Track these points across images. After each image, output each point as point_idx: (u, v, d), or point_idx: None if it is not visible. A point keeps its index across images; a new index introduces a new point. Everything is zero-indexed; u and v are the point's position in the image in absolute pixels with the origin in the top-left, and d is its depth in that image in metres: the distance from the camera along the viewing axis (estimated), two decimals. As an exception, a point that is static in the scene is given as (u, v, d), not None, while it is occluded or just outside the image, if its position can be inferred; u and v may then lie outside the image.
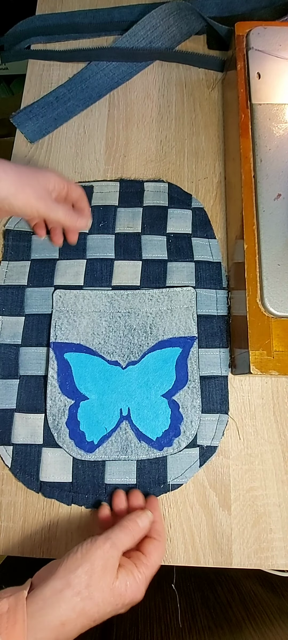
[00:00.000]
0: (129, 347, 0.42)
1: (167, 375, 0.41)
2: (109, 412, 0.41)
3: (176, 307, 0.43)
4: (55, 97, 0.52)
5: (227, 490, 0.40)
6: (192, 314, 0.43)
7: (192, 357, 0.42)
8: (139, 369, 0.42)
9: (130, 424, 0.40)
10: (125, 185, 0.49)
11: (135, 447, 0.40)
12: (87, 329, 0.43)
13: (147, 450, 0.40)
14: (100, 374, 0.41)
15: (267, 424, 0.42)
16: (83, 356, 0.42)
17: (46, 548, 0.39)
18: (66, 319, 0.43)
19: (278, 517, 0.39)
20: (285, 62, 0.45)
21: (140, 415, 0.40)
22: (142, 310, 0.43)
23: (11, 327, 0.44)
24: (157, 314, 0.43)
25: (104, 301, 0.44)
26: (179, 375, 0.41)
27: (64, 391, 0.41)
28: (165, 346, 0.42)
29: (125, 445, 0.40)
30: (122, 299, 0.44)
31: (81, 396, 0.41)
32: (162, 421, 0.40)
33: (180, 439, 0.40)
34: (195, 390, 0.41)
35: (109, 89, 0.54)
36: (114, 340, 0.43)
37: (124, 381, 0.41)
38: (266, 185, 0.41)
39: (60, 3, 0.58)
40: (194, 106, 0.53)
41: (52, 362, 0.42)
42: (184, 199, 0.48)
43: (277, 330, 0.37)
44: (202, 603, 0.46)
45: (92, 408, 0.41)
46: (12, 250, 0.46)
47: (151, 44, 0.52)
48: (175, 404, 0.41)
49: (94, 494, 0.39)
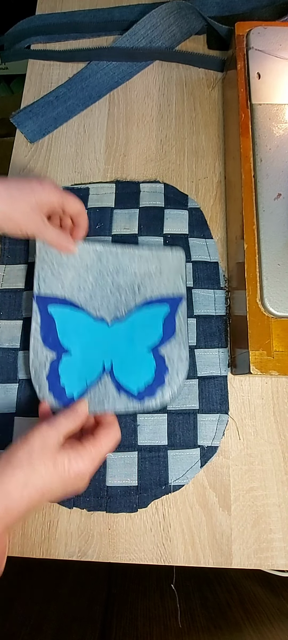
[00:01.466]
0: (115, 304, 0.42)
1: (153, 330, 0.41)
2: (91, 366, 0.40)
3: (165, 269, 0.43)
4: (55, 96, 0.52)
5: (227, 491, 0.40)
6: (181, 275, 0.43)
7: (181, 314, 0.41)
8: (126, 326, 0.41)
9: (111, 377, 0.39)
10: (121, 186, 0.49)
11: (113, 400, 0.39)
12: (72, 282, 0.42)
13: (126, 403, 0.39)
14: (84, 330, 0.41)
15: (267, 424, 0.41)
16: (68, 311, 0.41)
17: (46, 548, 0.39)
18: (50, 270, 0.41)
19: (278, 517, 0.39)
20: (285, 62, 0.45)
21: (123, 368, 0.40)
22: (131, 270, 0.43)
23: (9, 331, 0.43)
24: (146, 274, 0.43)
25: (91, 255, 0.43)
26: (166, 330, 0.41)
27: (46, 344, 0.40)
28: (152, 304, 0.42)
29: (102, 398, 0.39)
30: (111, 255, 0.43)
31: (63, 350, 0.40)
32: (145, 373, 0.39)
33: (164, 389, 0.39)
34: (182, 343, 0.40)
35: (109, 88, 0.53)
36: (100, 297, 0.42)
37: (109, 337, 0.41)
38: (266, 185, 0.41)
39: (60, 3, 0.58)
40: (194, 105, 0.53)
41: (36, 314, 0.40)
42: (180, 200, 0.48)
43: (277, 330, 0.37)
44: (201, 603, 0.46)
45: (75, 362, 0.40)
46: (8, 253, 0.46)
47: (151, 44, 0.52)
48: (161, 357, 0.40)
49: (95, 496, 0.39)
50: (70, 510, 0.39)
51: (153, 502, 0.39)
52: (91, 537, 0.39)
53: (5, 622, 0.44)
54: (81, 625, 0.46)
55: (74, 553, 0.39)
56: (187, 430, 0.41)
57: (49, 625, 0.45)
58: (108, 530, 0.39)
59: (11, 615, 0.45)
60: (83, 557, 0.38)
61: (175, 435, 0.41)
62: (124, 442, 0.40)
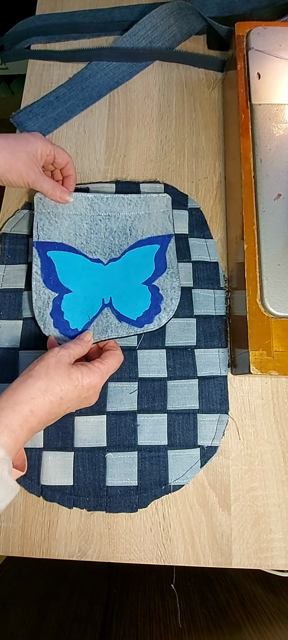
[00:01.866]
0: (110, 247, 0.45)
1: (146, 266, 0.44)
2: (91, 302, 0.43)
3: (153, 211, 0.46)
4: (56, 96, 0.52)
5: (227, 491, 0.40)
6: (168, 216, 0.46)
7: (170, 251, 0.44)
8: (120, 264, 0.44)
9: (112, 309, 0.43)
10: (121, 186, 0.49)
11: (115, 327, 0.42)
12: (68, 229, 0.45)
13: (127, 329, 0.42)
14: (83, 270, 0.44)
15: (267, 424, 0.42)
16: (66, 254, 0.44)
17: (46, 548, 0.39)
18: (47, 220, 0.45)
19: (278, 517, 0.39)
20: (285, 62, 0.45)
21: (122, 301, 0.43)
22: (122, 214, 0.46)
23: (9, 331, 0.43)
24: (136, 217, 0.46)
25: (84, 204, 0.45)
26: (158, 265, 0.44)
27: (48, 285, 0.43)
28: (144, 244, 0.45)
29: (105, 327, 0.42)
30: (102, 202, 0.46)
31: (65, 289, 0.43)
32: (142, 303, 0.43)
33: (160, 315, 0.42)
34: (174, 275, 0.43)
35: (109, 88, 0.54)
36: (95, 241, 0.45)
37: (106, 275, 0.44)
38: (266, 185, 0.41)
39: (60, 3, 0.58)
40: (194, 106, 0.53)
41: (36, 259, 0.43)
42: (180, 200, 0.48)
43: (277, 330, 0.37)
44: (201, 603, 0.46)
45: (76, 299, 0.43)
46: (9, 253, 0.46)
47: (151, 44, 0.52)
48: (155, 287, 0.43)
49: (95, 496, 0.39)
50: (70, 510, 0.39)
51: (153, 502, 0.39)
52: (91, 537, 0.39)
53: (5, 622, 0.44)
54: (81, 625, 0.46)
55: (74, 553, 0.39)
56: (187, 430, 0.41)
57: (49, 625, 0.45)
58: (108, 530, 0.39)
59: (11, 615, 0.45)
60: (83, 557, 0.38)
61: (175, 435, 0.41)
62: (123, 442, 0.40)
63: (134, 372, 0.42)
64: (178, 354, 0.43)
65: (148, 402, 0.41)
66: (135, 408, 0.41)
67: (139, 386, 0.42)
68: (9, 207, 0.48)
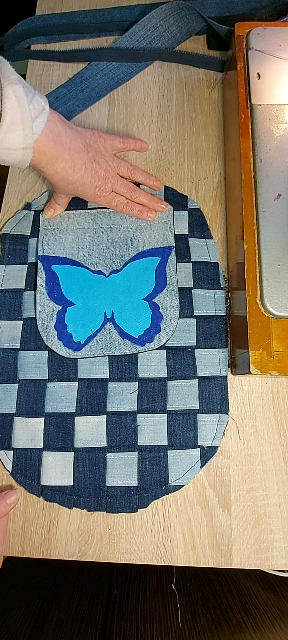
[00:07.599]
0: (111, 257, 0.46)
1: (147, 280, 0.45)
2: (94, 315, 0.44)
3: (155, 222, 0.47)
4: (55, 97, 0.52)
5: (227, 491, 0.40)
6: (169, 227, 0.46)
7: (170, 264, 0.45)
8: (121, 276, 0.45)
9: (114, 325, 0.43)
10: None
11: (118, 344, 0.43)
12: (72, 244, 0.46)
13: (129, 347, 0.43)
14: (85, 283, 0.45)
15: (267, 425, 0.41)
16: (69, 268, 0.45)
17: (46, 548, 0.39)
18: (53, 235, 0.46)
19: (279, 517, 0.39)
20: (285, 62, 0.45)
21: (123, 316, 0.44)
22: (123, 226, 0.47)
23: (9, 331, 0.43)
24: (137, 228, 0.47)
25: (87, 219, 0.47)
26: (159, 280, 0.45)
27: (52, 298, 0.44)
28: (145, 256, 0.46)
29: (109, 343, 0.43)
30: (104, 216, 0.47)
31: (68, 302, 0.44)
32: (143, 321, 0.43)
33: (160, 335, 0.43)
34: (173, 292, 0.44)
35: (109, 89, 0.53)
36: (97, 253, 0.46)
37: (108, 287, 0.45)
38: (266, 185, 0.41)
39: (60, 3, 0.58)
40: (194, 106, 0.53)
41: (41, 272, 0.45)
42: (180, 201, 0.48)
43: (277, 331, 0.37)
44: (202, 603, 0.46)
45: (79, 312, 0.44)
46: (9, 254, 0.46)
47: (151, 44, 0.52)
48: (156, 305, 0.44)
49: (95, 496, 0.39)
50: (70, 511, 0.39)
51: (153, 503, 0.39)
52: (91, 537, 0.39)
53: (6, 623, 0.44)
54: (82, 625, 0.46)
55: (74, 553, 0.39)
56: (187, 431, 0.41)
57: (50, 626, 0.45)
58: (108, 531, 0.39)
59: (11, 616, 0.45)
60: (83, 558, 0.38)
61: (175, 435, 0.41)
62: (124, 442, 0.40)
63: (134, 373, 0.42)
64: (178, 354, 0.43)
65: (149, 403, 0.41)
66: (136, 408, 0.41)
67: (139, 386, 0.42)
68: (9, 208, 0.48)
